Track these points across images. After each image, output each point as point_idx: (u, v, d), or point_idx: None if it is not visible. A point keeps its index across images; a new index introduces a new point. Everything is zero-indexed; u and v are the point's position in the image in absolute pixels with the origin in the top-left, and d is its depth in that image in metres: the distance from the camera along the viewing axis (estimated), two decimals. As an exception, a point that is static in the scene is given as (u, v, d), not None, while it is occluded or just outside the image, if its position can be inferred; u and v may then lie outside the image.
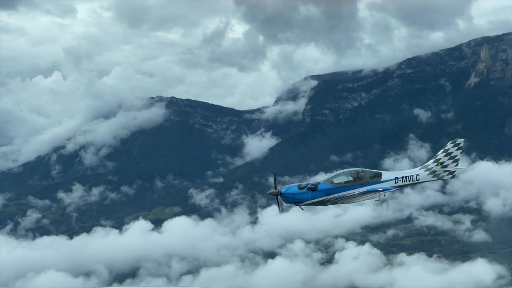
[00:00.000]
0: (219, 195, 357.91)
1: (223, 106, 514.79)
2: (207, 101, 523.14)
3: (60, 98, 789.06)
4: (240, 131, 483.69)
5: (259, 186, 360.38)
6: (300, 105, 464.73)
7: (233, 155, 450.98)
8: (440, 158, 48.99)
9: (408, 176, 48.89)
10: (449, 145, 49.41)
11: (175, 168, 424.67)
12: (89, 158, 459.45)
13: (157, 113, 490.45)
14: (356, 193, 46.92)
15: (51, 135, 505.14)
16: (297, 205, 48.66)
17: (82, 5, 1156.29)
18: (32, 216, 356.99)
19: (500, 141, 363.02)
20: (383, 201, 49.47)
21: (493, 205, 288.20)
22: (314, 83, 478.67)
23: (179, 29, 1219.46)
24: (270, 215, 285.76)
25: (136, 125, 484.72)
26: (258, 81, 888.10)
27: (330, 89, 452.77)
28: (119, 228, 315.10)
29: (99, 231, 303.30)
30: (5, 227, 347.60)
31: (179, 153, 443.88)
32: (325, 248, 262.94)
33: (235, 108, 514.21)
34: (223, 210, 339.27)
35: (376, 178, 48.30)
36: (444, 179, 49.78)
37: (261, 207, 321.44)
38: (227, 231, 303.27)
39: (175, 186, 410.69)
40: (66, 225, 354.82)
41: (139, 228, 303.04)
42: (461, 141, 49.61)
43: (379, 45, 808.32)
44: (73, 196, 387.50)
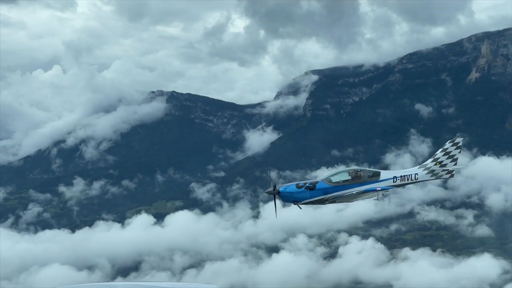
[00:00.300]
0: (221, 190, 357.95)
1: (223, 100, 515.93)
2: (207, 96, 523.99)
3: (60, 92, 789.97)
4: (241, 125, 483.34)
5: (261, 180, 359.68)
6: (301, 99, 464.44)
7: (234, 149, 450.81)
8: (438, 157, 48.72)
9: (407, 175, 48.58)
10: (447, 144, 49.13)
11: (176, 162, 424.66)
12: (89, 152, 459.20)
13: (158, 107, 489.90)
14: (354, 192, 46.73)
15: (51, 129, 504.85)
16: (295, 204, 48.31)
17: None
18: (33, 210, 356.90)
19: (501, 136, 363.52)
20: (384, 196, 48.92)
21: (494, 200, 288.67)
22: (315, 77, 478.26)
23: (179, 23, 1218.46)
24: (272, 210, 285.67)
25: (136, 119, 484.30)
26: (258, 76, 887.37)
27: (331, 83, 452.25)
28: (120, 222, 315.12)
29: (101, 225, 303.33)
30: (6, 221, 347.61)
31: (179, 148, 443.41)
32: (327, 243, 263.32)
33: (235, 103, 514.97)
34: (225, 205, 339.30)
35: (375, 177, 48.05)
36: (442, 178, 49.48)
37: (263, 201, 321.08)
38: (229, 225, 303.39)
39: (176, 180, 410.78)
40: (67, 219, 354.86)
41: (141, 222, 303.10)
42: (459, 140, 49.36)
43: (380, 40, 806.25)
44: (74, 190, 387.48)
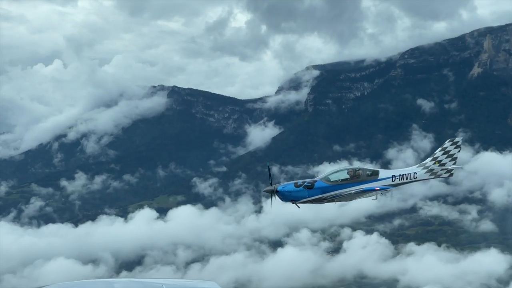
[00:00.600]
0: (223, 184, 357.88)
1: (225, 95, 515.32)
2: (208, 91, 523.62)
3: (60, 87, 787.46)
4: (242, 120, 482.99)
5: (262, 175, 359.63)
6: (302, 94, 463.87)
7: (235, 144, 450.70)
8: (438, 156, 48.35)
9: (406, 174, 48.20)
10: (447, 143, 48.76)
11: (177, 157, 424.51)
12: (90, 147, 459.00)
13: (159, 102, 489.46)
14: (353, 191, 46.42)
15: (53, 123, 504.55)
16: (293, 202, 47.98)
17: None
18: (35, 204, 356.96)
19: (503, 131, 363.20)
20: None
21: (497, 196, 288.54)
22: (316, 72, 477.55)
23: (180, 18, 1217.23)
24: (274, 205, 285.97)
25: (137, 114, 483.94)
26: (258, 71, 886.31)
27: (333, 78, 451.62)
28: (123, 217, 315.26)
29: (104, 219, 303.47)
30: (9, 215, 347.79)
31: (180, 142, 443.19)
32: (330, 237, 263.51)
33: (236, 98, 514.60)
34: (227, 199, 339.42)
35: (373, 176, 47.64)
36: (442, 177, 49.22)
37: (265, 196, 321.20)
38: (231, 220, 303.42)
39: (177, 175, 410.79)
40: (69, 213, 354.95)
41: (144, 216, 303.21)
42: (459, 139, 48.92)
43: (382, 35, 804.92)
44: (76, 184, 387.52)
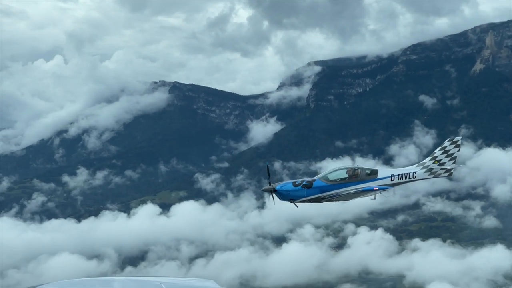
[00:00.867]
0: (225, 180, 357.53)
1: (226, 91, 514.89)
2: (210, 86, 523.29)
3: (61, 82, 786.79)
4: (243, 116, 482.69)
5: (265, 171, 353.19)
6: (304, 90, 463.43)
7: (236, 140, 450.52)
8: (437, 156, 47.77)
9: (405, 174, 47.63)
10: (446, 142, 48.14)
11: (178, 152, 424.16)
12: (92, 142, 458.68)
13: (160, 97, 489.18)
14: (351, 191, 46.02)
15: (54, 119, 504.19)
16: (291, 202, 47.54)
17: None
18: (37, 200, 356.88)
19: (505, 128, 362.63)
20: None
21: (500, 192, 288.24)
22: (318, 68, 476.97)
23: (181, 14, 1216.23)
24: (277, 200, 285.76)
25: (139, 110, 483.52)
26: (259, 67, 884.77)
27: (335, 74, 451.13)
28: (125, 212, 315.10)
29: (107, 215, 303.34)
30: (11, 210, 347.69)
31: (182, 138, 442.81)
32: (333, 233, 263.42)
33: (238, 93, 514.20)
34: (229, 195, 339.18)
35: (372, 175, 47.07)
36: (441, 177, 48.61)
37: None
38: (234, 215, 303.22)
39: (179, 171, 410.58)
40: (71, 208, 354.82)
41: (147, 212, 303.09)
42: (458, 139, 48.29)
43: (384, 31, 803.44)
44: (78, 180, 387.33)
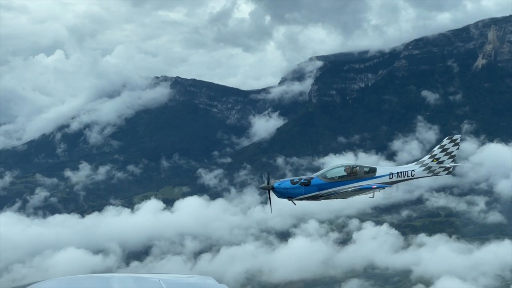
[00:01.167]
0: (228, 175, 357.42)
1: (228, 86, 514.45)
2: (211, 81, 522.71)
3: (62, 77, 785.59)
4: (245, 111, 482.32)
5: (267, 166, 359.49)
6: (306, 85, 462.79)
7: (239, 135, 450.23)
8: (436, 154, 47.26)
9: (403, 172, 47.21)
10: (445, 141, 47.61)
11: (180, 148, 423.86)
12: (94, 137, 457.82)
13: (162, 92, 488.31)
14: (349, 189, 45.67)
15: (55, 114, 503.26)
16: (289, 199, 46.99)
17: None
18: (40, 194, 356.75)
19: (508, 123, 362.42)
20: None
21: (504, 187, 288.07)
22: (320, 63, 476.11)
23: (182, 9, 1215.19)
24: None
25: (140, 105, 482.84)
26: (260, 62, 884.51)
27: (337, 69, 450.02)
28: (128, 207, 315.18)
29: (110, 210, 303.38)
30: (14, 205, 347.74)
31: (184, 133, 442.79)
32: (338, 228, 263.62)
33: (240, 88, 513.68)
34: (232, 191, 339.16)
35: (371, 173, 46.58)
36: (439, 175, 47.97)
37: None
38: (238, 211, 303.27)
39: (181, 166, 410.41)
40: (74, 203, 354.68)
41: (151, 207, 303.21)
42: (457, 137, 47.70)
43: (386, 26, 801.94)
44: (80, 175, 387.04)
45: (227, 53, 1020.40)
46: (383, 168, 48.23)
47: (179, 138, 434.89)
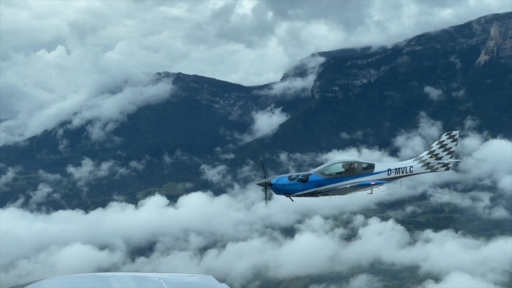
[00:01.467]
0: (231, 171, 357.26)
1: (230, 82, 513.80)
2: (213, 77, 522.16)
3: (64, 73, 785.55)
4: (248, 107, 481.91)
5: (270, 162, 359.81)
6: (308, 81, 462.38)
7: (241, 131, 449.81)
8: (434, 150, 46.95)
9: (402, 168, 46.80)
10: (444, 136, 47.33)
11: (183, 144, 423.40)
12: (96, 133, 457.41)
13: (164, 88, 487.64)
14: (347, 186, 45.23)
15: (57, 110, 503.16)
16: (287, 196, 46.40)
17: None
18: (43, 190, 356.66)
19: (511, 119, 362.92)
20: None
21: (507, 183, 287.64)
22: (322, 59, 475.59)
23: (183, 4, 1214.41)
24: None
25: (143, 101, 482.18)
26: (261, 58, 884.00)
27: (339, 65, 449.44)
28: (132, 203, 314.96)
29: (114, 206, 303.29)
30: (17, 201, 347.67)
31: (186, 129, 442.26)
32: (343, 224, 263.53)
33: (242, 84, 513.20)
34: (236, 186, 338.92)
35: (369, 170, 46.30)
36: (438, 171, 47.69)
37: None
38: (241, 207, 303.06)
39: (184, 162, 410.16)
40: (77, 199, 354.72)
41: (154, 203, 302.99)
42: (456, 133, 47.31)
43: (388, 22, 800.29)
44: (83, 171, 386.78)
45: (229, 49, 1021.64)
46: (381, 164, 47.86)
47: (182, 134, 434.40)
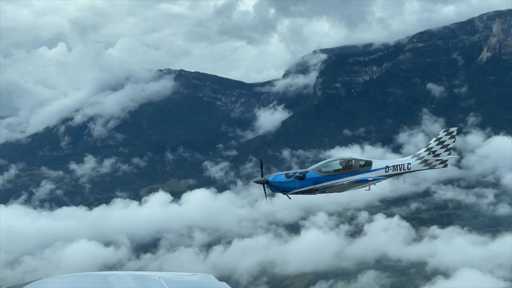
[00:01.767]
0: (234, 168, 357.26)
1: (232, 79, 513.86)
2: (215, 74, 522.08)
3: (65, 70, 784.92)
4: (249, 104, 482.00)
5: (273, 159, 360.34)
6: (310, 78, 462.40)
7: (243, 128, 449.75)
8: (432, 147, 46.76)
9: (399, 165, 46.48)
10: (442, 133, 47.12)
11: (185, 140, 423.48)
12: (98, 130, 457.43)
13: (166, 85, 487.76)
14: (345, 182, 45.01)
15: (58, 107, 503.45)
16: (284, 193, 46.05)
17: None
18: (46, 187, 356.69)
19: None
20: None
21: (511, 180, 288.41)
22: (324, 56, 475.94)
23: (184, 1, 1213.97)
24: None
25: (144, 98, 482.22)
26: (262, 55, 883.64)
27: (341, 62, 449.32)
28: (135, 200, 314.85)
29: (118, 203, 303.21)
30: (19, 198, 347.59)
31: (188, 126, 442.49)
32: (347, 221, 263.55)
33: (244, 81, 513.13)
34: (239, 183, 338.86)
35: (366, 167, 46.00)
36: (436, 168, 47.35)
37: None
38: (245, 203, 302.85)
39: (186, 159, 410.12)
40: (80, 196, 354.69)
41: (158, 200, 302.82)
42: (454, 129, 47.24)
43: (391, 18, 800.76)
44: (85, 168, 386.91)
45: (230, 46, 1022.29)
46: (379, 161, 47.53)
47: (184, 131, 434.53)
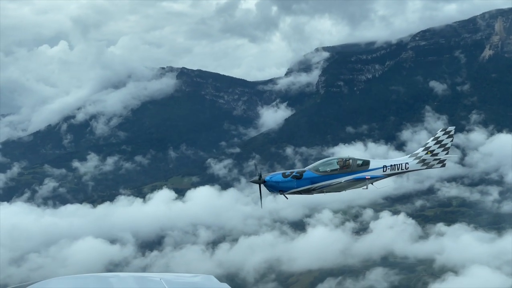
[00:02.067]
0: (237, 165, 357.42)
1: (234, 77, 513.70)
2: (217, 72, 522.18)
3: (67, 68, 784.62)
4: (252, 102, 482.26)
5: (276, 156, 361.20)
6: (312, 76, 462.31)
7: (245, 126, 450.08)
8: (430, 146, 46.61)
9: (397, 165, 46.42)
10: (439, 133, 46.93)
11: (187, 138, 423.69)
12: (100, 128, 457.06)
13: (168, 83, 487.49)
14: (342, 181, 44.90)
15: (60, 105, 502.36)
16: (281, 193, 46.34)
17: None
18: (49, 185, 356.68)
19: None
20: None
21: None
22: (326, 54, 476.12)
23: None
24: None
25: (146, 95, 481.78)
26: (264, 53, 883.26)
27: (344, 60, 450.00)
28: (138, 197, 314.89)
29: (122, 200, 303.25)
30: (22, 196, 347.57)
31: (190, 124, 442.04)
32: (352, 218, 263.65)
33: (246, 79, 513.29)
34: (243, 181, 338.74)
35: (364, 166, 45.99)
36: (434, 167, 47.27)
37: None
38: (249, 200, 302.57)
39: (189, 157, 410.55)
40: (83, 193, 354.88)
41: (162, 197, 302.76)
42: (451, 129, 47.10)
43: (393, 16, 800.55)
44: (88, 165, 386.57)
45: (232, 43, 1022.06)
46: (377, 161, 47.49)
47: (186, 129, 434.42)
